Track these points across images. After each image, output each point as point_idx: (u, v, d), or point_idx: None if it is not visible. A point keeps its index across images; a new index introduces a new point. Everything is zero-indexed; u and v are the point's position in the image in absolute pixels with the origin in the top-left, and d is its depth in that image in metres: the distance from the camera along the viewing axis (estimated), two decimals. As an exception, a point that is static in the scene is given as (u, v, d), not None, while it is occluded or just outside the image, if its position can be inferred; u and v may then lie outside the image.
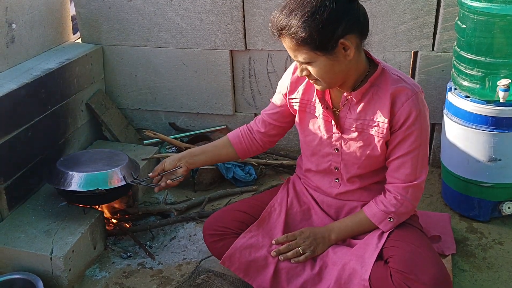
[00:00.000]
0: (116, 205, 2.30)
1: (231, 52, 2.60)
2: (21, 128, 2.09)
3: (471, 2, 1.93)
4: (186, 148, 2.59)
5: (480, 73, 1.99)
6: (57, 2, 2.60)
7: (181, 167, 1.77)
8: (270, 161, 2.61)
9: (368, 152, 1.60)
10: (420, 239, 1.60)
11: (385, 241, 1.59)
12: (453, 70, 2.17)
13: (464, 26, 2.01)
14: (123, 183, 2.02)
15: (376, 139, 1.58)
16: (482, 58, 1.97)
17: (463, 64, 2.05)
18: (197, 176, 2.50)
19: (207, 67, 2.65)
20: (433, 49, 2.39)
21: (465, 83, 2.06)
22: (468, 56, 2.01)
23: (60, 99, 2.36)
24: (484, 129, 2.02)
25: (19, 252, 1.89)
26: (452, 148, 2.16)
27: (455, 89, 2.14)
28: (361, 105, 1.57)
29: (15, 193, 2.08)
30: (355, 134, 1.61)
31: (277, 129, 1.83)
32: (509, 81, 1.90)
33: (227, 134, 1.88)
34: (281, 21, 1.43)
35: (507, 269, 1.92)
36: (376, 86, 1.55)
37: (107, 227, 2.17)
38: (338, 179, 1.72)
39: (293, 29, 1.40)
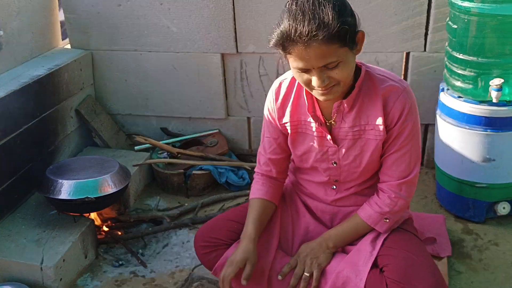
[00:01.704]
0: (107, 213, 2.27)
1: (223, 55, 2.58)
2: (9, 136, 2.06)
3: (462, 2, 1.93)
4: (178, 153, 2.57)
5: (472, 73, 1.99)
6: (45, 8, 2.57)
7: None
8: (263, 165, 2.59)
9: (367, 158, 1.57)
10: (415, 245, 1.57)
11: (380, 248, 1.56)
12: (445, 70, 2.16)
13: (455, 26, 2.00)
14: (114, 190, 2.00)
15: (374, 143, 1.55)
16: (474, 58, 1.96)
17: (455, 65, 2.05)
18: (190, 182, 2.48)
19: (198, 71, 2.63)
20: (425, 50, 2.39)
21: (458, 84, 2.05)
22: (460, 56, 2.01)
23: (49, 106, 2.34)
24: (478, 130, 2.01)
25: (9, 262, 1.86)
26: (445, 149, 2.15)
27: (448, 89, 2.13)
28: (354, 111, 1.53)
29: (4, 202, 2.05)
30: (351, 143, 1.57)
31: (288, 158, 1.75)
32: (502, 80, 1.90)
33: (258, 197, 1.68)
34: (307, 26, 1.30)
35: (503, 270, 1.91)
36: (364, 90, 1.53)
37: (98, 235, 2.14)
38: (335, 187, 1.68)
39: (325, 27, 1.30)
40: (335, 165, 1.61)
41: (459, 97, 2.05)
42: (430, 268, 1.48)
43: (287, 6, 1.37)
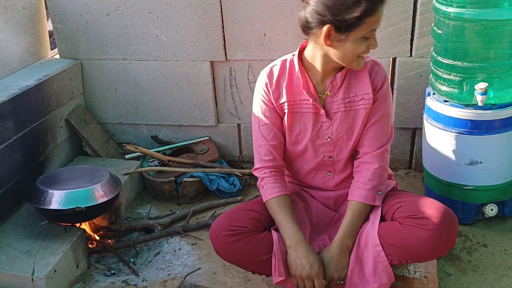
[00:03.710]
0: (98, 222, 2.27)
1: (212, 63, 2.60)
2: (-2, 147, 2.06)
3: (446, 8, 1.96)
4: (169, 161, 2.57)
5: (457, 78, 2.02)
6: (33, 18, 2.57)
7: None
8: (254, 171, 2.60)
9: (358, 128, 1.68)
10: (411, 193, 1.73)
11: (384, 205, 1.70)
12: (431, 75, 2.19)
13: (440, 31, 2.03)
14: (105, 199, 2.00)
15: (364, 112, 1.67)
16: (459, 63, 1.99)
17: (440, 69, 2.08)
18: (181, 189, 2.48)
19: (188, 79, 2.64)
20: (411, 55, 2.42)
21: (443, 88, 2.08)
22: (445, 61, 2.04)
23: (38, 116, 2.33)
24: (464, 133, 2.04)
25: (0, 274, 1.84)
26: (433, 153, 2.18)
27: (434, 94, 2.16)
28: (344, 85, 1.67)
29: (-6, 214, 2.05)
30: (344, 115, 1.68)
31: (285, 143, 1.80)
32: (487, 84, 1.93)
33: (279, 194, 1.72)
34: None
35: (492, 271, 1.93)
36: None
37: (89, 244, 2.14)
38: (330, 172, 1.77)
39: None
40: (328, 140, 1.71)
41: (445, 101, 2.08)
42: (435, 201, 1.62)
43: None
